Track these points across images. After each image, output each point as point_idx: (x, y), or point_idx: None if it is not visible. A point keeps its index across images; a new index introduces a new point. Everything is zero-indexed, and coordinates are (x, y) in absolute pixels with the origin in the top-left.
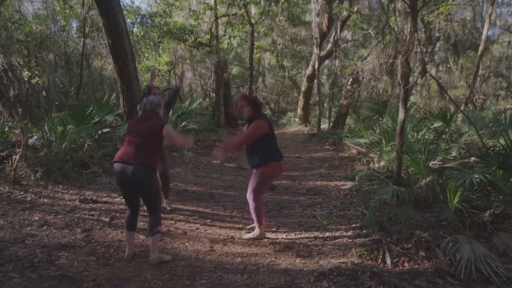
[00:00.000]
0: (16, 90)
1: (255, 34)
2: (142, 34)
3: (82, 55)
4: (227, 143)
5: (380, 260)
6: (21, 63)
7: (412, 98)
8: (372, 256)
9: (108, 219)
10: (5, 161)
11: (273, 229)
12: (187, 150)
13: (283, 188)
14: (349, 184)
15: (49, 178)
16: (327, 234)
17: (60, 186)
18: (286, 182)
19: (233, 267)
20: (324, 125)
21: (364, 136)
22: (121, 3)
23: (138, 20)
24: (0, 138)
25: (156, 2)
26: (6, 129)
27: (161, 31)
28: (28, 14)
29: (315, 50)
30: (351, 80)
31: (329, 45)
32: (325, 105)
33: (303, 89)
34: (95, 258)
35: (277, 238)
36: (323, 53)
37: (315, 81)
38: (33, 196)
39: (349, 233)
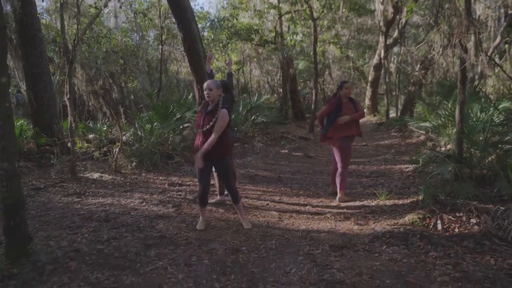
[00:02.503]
0: (115, 93)
1: (319, 28)
2: (212, 37)
3: (161, 61)
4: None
5: (431, 226)
6: (119, 70)
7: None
8: (424, 223)
9: (192, 198)
10: (107, 154)
11: (335, 205)
12: (257, 142)
13: (347, 171)
14: (412, 167)
15: (142, 167)
16: (385, 207)
17: (151, 174)
18: (350, 167)
19: (298, 232)
20: (394, 114)
21: (428, 120)
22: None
23: (208, 24)
24: (101, 136)
25: (224, 7)
26: (105, 128)
27: (229, 33)
28: (113, 29)
29: (381, 39)
30: (418, 66)
31: (396, 33)
32: (394, 93)
33: (370, 78)
34: (185, 225)
35: (338, 211)
36: (389, 41)
37: (383, 70)
38: (131, 181)
39: (405, 206)
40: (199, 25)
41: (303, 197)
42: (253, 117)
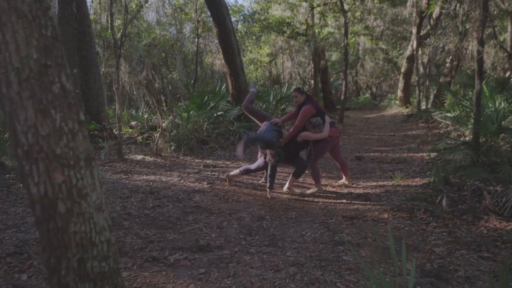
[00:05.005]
0: (158, 83)
1: (351, 19)
2: (245, 30)
3: (196, 53)
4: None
5: (437, 203)
6: (160, 62)
7: None
8: (430, 200)
9: (225, 177)
10: (149, 139)
11: (353, 185)
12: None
13: (370, 158)
14: (433, 155)
15: (179, 151)
16: (398, 188)
17: (188, 157)
18: (373, 154)
19: (316, 206)
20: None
21: (451, 110)
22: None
23: (241, 18)
24: (142, 123)
25: (257, 1)
26: (146, 116)
27: (261, 26)
28: (152, 23)
29: (414, 30)
30: (450, 57)
31: (428, 26)
32: (425, 84)
33: (402, 70)
34: (218, 198)
35: (355, 191)
36: (423, 32)
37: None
38: (170, 163)
39: (417, 187)
40: (233, 18)
41: (325, 179)
42: (282, 106)
